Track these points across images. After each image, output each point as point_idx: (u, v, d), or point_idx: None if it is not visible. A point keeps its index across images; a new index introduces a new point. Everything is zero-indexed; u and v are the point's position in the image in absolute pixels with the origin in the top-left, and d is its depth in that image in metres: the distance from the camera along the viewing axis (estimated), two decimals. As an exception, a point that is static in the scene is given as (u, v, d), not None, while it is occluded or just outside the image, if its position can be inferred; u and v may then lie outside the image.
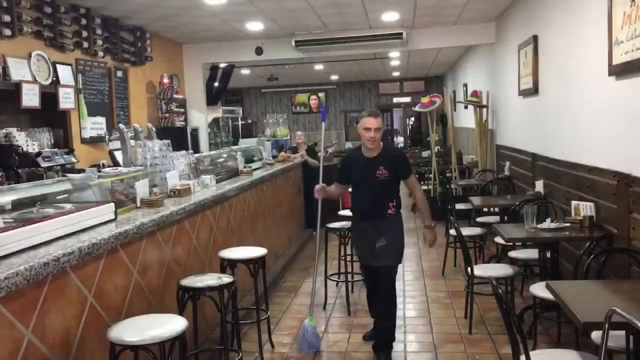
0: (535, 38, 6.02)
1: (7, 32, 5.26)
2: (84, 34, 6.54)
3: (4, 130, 5.21)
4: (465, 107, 10.76)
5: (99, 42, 6.90)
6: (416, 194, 4.29)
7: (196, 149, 8.32)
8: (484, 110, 8.90)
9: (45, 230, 2.57)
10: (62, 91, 5.97)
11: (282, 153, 8.40)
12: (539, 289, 3.71)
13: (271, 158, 7.88)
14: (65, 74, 6.16)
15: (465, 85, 11.76)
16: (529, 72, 6.27)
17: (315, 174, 8.33)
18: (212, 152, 6.99)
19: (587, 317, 2.41)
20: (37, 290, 2.31)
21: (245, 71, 13.22)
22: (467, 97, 10.23)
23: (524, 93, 6.57)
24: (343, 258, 5.39)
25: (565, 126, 5.14)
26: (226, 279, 3.34)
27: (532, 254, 4.81)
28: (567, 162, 4.99)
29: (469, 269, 4.46)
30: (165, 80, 8.45)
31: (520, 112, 6.97)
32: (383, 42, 8.59)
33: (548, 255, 4.39)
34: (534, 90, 6.08)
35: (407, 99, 17.70)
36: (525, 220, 4.27)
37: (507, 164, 7.50)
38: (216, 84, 10.43)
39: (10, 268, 2.11)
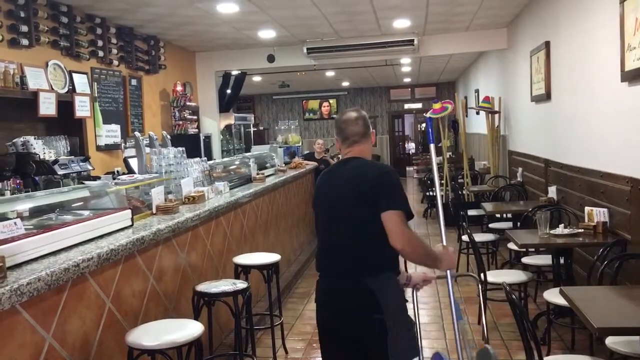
0: (547, 44, 6.02)
1: (25, 41, 5.36)
2: (100, 43, 6.64)
3: (21, 139, 5.29)
4: (477, 113, 10.75)
5: (114, 51, 7.00)
6: None
7: (209, 156, 8.39)
8: (496, 116, 8.89)
9: (64, 237, 2.61)
10: (78, 99, 6.06)
11: (295, 159, 8.45)
12: (553, 295, 3.70)
13: (283, 165, 7.93)
14: (81, 82, 6.26)
15: (477, 91, 11.75)
16: (541, 78, 6.27)
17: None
18: (225, 159, 7.05)
19: (602, 323, 2.42)
20: (57, 295, 2.35)
21: (256, 78, 13.31)
22: (479, 103, 10.22)
23: (536, 99, 6.56)
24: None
25: (578, 132, 5.13)
26: (241, 284, 3.37)
27: (545, 260, 4.80)
28: (580, 167, 4.98)
29: (482, 275, 4.46)
30: (179, 88, 8.54)
31: (532, 118, 6.96)
32: (394, 49, 8.62)
33: (562, 261, 4.38)
34: (546, 96, 6.07)
35: (419, 105, 17.71)
36: (538, 226, 4.27)
37: (520, 170, 7.48)
38: (228, 91, 10.51)
39: (32, 273, 2.16)
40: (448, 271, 2.73)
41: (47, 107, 5.49)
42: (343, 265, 2.45)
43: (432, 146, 3.20)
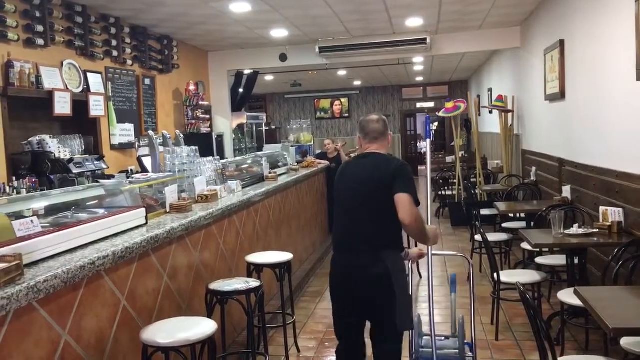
0: (561, 42, 5.97)
1: (40, 41, 5.41)
2: (114, 42, 6.69)
3: (37, 138, 5.35)
4: (490, 112, 10.69)
5: (128, 50, 7.05)
6: None
7: (221, 155, 8.42)
8: (510, 115, 8.84)
9: (80, 235, 2.64)
10: (92, 99, 6.12)
11: (307, 158, 8.47)
12: (567, 295, 3.68)
13: (296, 164, 7.94)
14: (95, 82, 6.31)
15: (490, 90, 11.69)
16: (555, 76, 6.22)
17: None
18: (238, 158, 7.08)
19: (616, 323, 2.40)
20: (73, 293, 2.38)
21: (269, 77, 13.34)
22: (492, 101, 10.17)
23: (550, 98, 6.51)
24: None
25: (593, 131, 5.09)
26: (253, 283, 3.38)
27: (559, 260, 4.77)
28: (595, 167, 4.94)
29: (495, 274, 4.44)
30: (192, 88, 8.59)
31: (546, 117, 6.91)
32: (407, 48, 8.60)
33: (576, 261, 4.35)
34: (561, 95, 6.03)
35: (431, 104, 17.64)
36: (552, 226, 4.24)
37: (534, 169, 7.43)
38: (241, 91, 10.55)
39: (49, 271, 2.19)
40: (430, 247, 3.24)
41: (62, 106, 5.54)
42: (363, 243, 2.90)
43: (428, 141, 3.85)
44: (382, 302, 2.87)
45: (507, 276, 4.47)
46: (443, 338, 3.12)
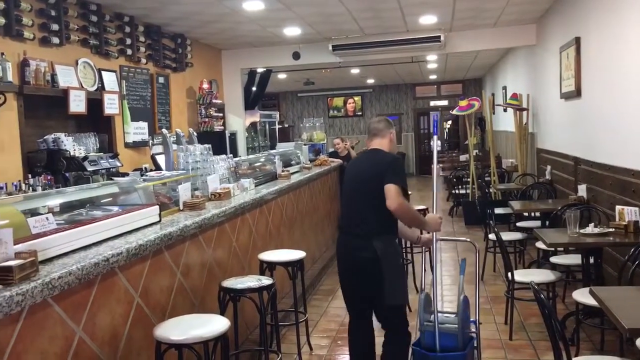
0: (577, 40, 5.91)
1: (56, 40, 5.46)
2: (128, 41, 6.74)
3: (52, 135, 5.40)
4: (505, 110, 10.61)
5: (142, 49, 7.09)
6: None
7: (234, 153, 8.45)
8: (524, 113, 8.76)
9: (94, 232, 2.66)
10: (107, 97, 6.16)
11: (320, 157, 8.46)
12: (582, 295, 3.64)
13: (308, 162, 7.94)
14: (110, 80, 6.35)
15: (505, 88, 11.60)
16: (571, 74, 6.16)
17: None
18: (251, 156, 7.09)
19: (632, 324, 2.37)
20: (87, 289, 2.40)
21: (281, 76, 13.35)
22: (506, 100, 10.09)
23: (566, 96, 6.45)
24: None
25: (609, 129, 5.03)
26: (266, 281, 3.39)
27: (574, 259, 4.72)
28: (611, 166, 4.88)
29: (509, 274, 4.41)
30: (205, 86, 8.62)
31: (562, 115, 6.84)
32: (421, 46, 8.56)
33: (591, 261, 4.31)
34: (577, 93, 5.96)
35: (445, 102, 17.56)
36: (567, 225, 4.20)
37: (548, 167, 7.37)
38: (254, 89, 10.57)
39: (64, 267, 2.20)
40: (435, 234, 3.49)
41: (77, 104, 5.59)
42: (359, 228, 3.27)
43: (435, 137, 4.30)
44: (371, 280, 3.24)
45: (522, 275, 4.44)
46: (448, 315, 3.33)
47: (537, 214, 6.54)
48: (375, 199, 3.18)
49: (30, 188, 4.67)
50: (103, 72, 6.23)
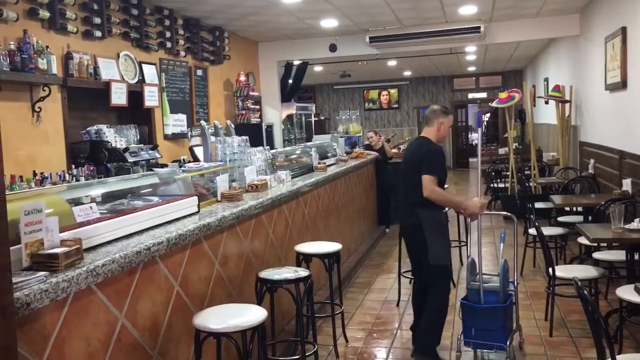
0: (623, 30, 5.71)
1: (98, 33, 5.58)
2: (167, 34, 6.83)
3: (94, 127, 5.52)
4: (546, 103, 10.36)
5: (181, 42, 7.18)
6: None
7: (271, 145, 8.49)
8: (567, 105, 8.54)
9: (136, 221, 2.71)
10: (147, 90, 6.26)
11: (356, 149, 8.43)
12: (626, 292, 3.54)
13: (344, 154, 7.92)
14: (150, 73, 6.46)
15: (547, 80, 11.32)
16: (616, 65, 5.97)
17: (388, 171, 8.37)
18: (287, 148, 7.12)
19: (682, 323, 2.29)
20: (129, 277, 2.45)
21: (318, 68, 13.33)
22: (548, 92, 9.85)
23: (611, 87, 6.25)
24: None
25: (657, 122, 4.86)
26: (303, 272, 3.40)
27: (618, 255, 4.59)
28: (659, 159, 4.72)
29: (550, 269, 4.32)
30: (242, 78, 8.68)
31: (606, 107, 6.65)
32: (459, 37, 8.43)
33: (636, 257, 4.18)
34: (622, 85, 5.78)
35: (483, 95, 17.26)
36: (612, 220, 4.08)
37: (592, 161, 7.17)
38: (290, 81, 10.59)
39: (107, 255, 2.26)
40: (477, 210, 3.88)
41: (119, 96, 5.70)
42: (406, 201, 3.90)
43: (479, 130, 5.39)
44: (416, 243, 3.83)
45: (563, 271, 4.34)
46: (491, 276, 3.89)
47: (579, 208, 6.38)
48: (415, 181, 3.73)
49: (74, 178, 4.79)
50: (143, 65, 6.34)
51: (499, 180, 10.11)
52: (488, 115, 18.60)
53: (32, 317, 1.90)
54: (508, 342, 3.69)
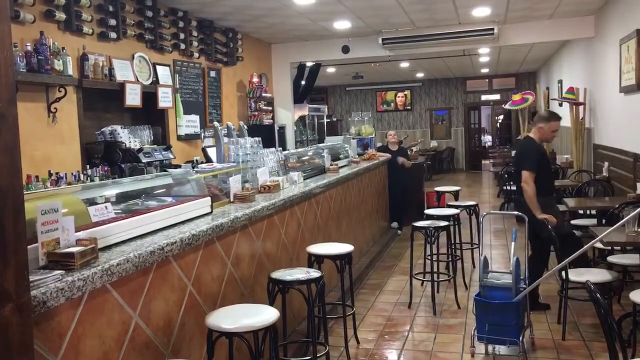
0: (638, 32, 5.67)
1: (113, 35, 5.63)
2: (181, 36, 6.88)
3: (109, 128, 5.58)
4: (560, 105, 10.29)
5: (195, 43, 7.23)
6: None
7: (283, 147, 8.51)
8: (581, 107, 8.48)
9: (150, 221, 2.74)
10: (161, 91, 6.31)
11: (369, 151, 8.43)
12: (640, 296, 3.51)
13: (357, 156, 7.93)
14: (164, 74, 6.51)
15: (560, 82, 11.24)
16: (631, 67, 5.92)
17: (401, 172, 8.36)
18: (300, 150, 7.13)
19: (697, 328, 2.27)
20: (143, 277, 2.47)
21: (330, 69, 13.35)
22: (562, 94, 9.79)
23: (626, 90, 6.20)
24: (429, 257, 5.36)
25: (673, 124, 4.81)
26: (314, 273, 3.41)
27: (632, 259, 4.56)
28: (674, 163, 4.67)
29: (563, 272, 4.29)
30: (255, 80, 8.71)
31: (621, 110, 6.59)
32: (473, 38, 8.40)
33: (651, 261, 4.14)
34: (637, 87, 5.73)
35: (497, 97, 17.18)
36: (626, 224, 4.04)
37: (606, 164, 7.11)
38: (303, 83, 10.61)
39: (122, 255, 2.28)
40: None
41: (133, 97, 5.75)
42: (518, 191, 4.82)
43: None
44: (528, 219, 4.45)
45: (576, 274, 4.31)
46: (503, 273, 4.09)
47: (593, 211, 6.33)
48: (518, 173, 4.77)
49: (88, 178, 4.84)
50: (157, 66, 6.39)
51: (511, 183, 10.03)
52: (501, 117, 18.49)
53: (49, 315, 1.93)
54: (521, 337, 3.82)
